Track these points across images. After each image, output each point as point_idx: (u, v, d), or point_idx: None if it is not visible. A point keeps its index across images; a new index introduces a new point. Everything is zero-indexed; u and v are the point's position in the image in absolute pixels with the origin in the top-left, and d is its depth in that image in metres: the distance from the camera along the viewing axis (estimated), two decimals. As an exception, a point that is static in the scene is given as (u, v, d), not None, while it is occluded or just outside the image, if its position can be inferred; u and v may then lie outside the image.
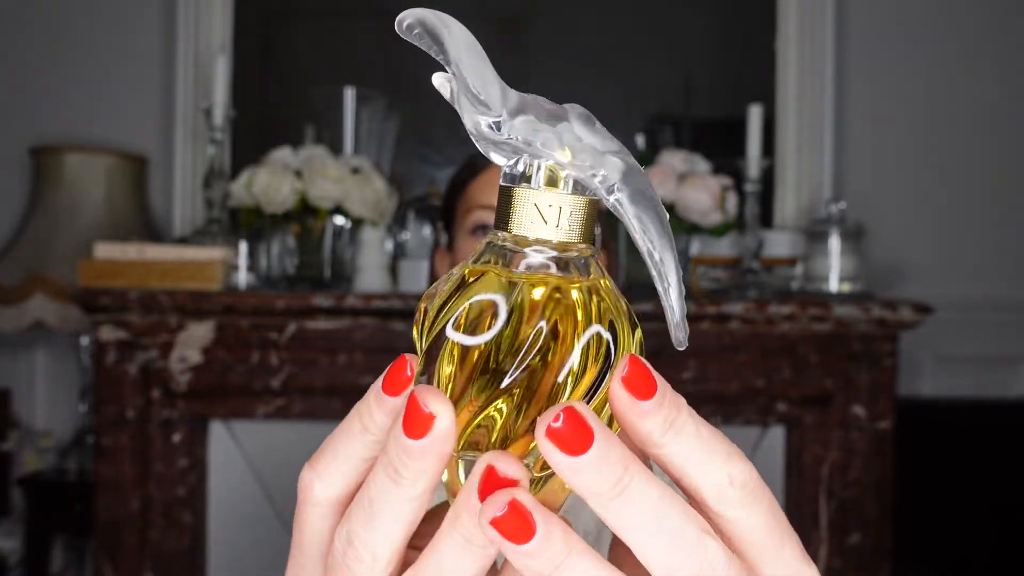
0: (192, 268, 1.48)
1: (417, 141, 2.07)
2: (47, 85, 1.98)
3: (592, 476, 0.23)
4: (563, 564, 0.23)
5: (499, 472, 0.24)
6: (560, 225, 0.25)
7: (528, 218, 0.25)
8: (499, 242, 0.26)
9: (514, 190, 0.26)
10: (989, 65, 2.07)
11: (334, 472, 0.27)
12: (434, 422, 0.24)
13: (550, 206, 0.25)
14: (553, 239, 0.25)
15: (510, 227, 0.26)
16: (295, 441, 1.55)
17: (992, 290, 2.05)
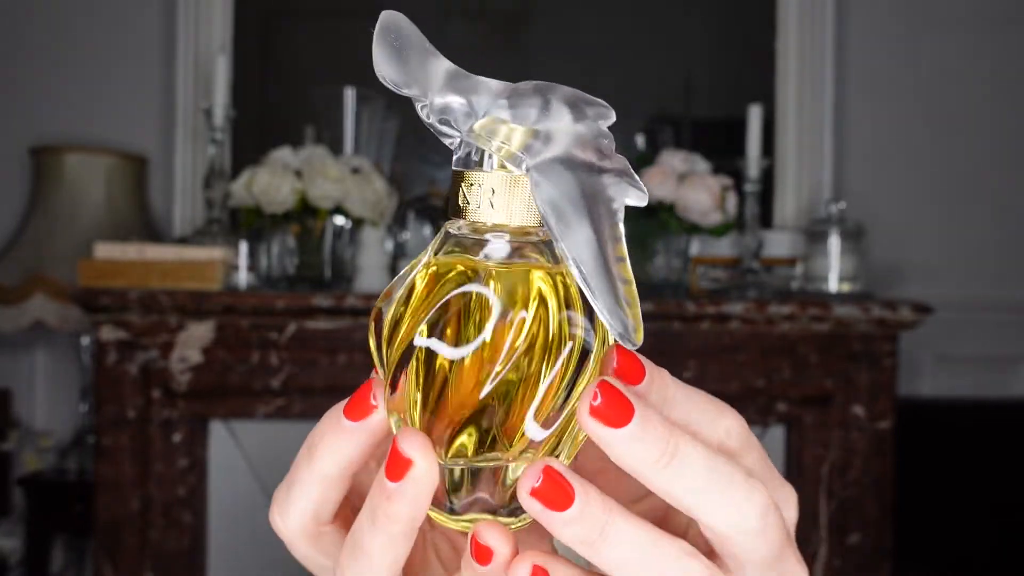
0: (192, 268, 1.48)
1: (417, 141, 2.07)
2: (47, 85, 1.98)
3: (640, 446, 0.23)
4: (606, 527, 0.23)
5: (481, 541, 0.24)
6: (515, 208, 0.24)
7: (481, 203, 0.24)
8: (456, 231, 0.25)
9: (465, 174, 0.25)
10: (989, 65, 2.07)
11: (291, 506, 0.28)
12: (411, 467, 0.24)
13: (503, 189, 0.24)
14: (510, 223, 0.24)
15: (466, 214, 0.24)
16: (295, 441, 1.54)
17: (992, 290, 2.05)
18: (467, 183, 0.24)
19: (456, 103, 0.25)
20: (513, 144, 0.24)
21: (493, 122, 0.24)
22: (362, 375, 1.25)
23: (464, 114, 0.24)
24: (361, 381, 1.08)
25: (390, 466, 0.25)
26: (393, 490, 0.25)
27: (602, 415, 0.23)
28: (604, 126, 0.24)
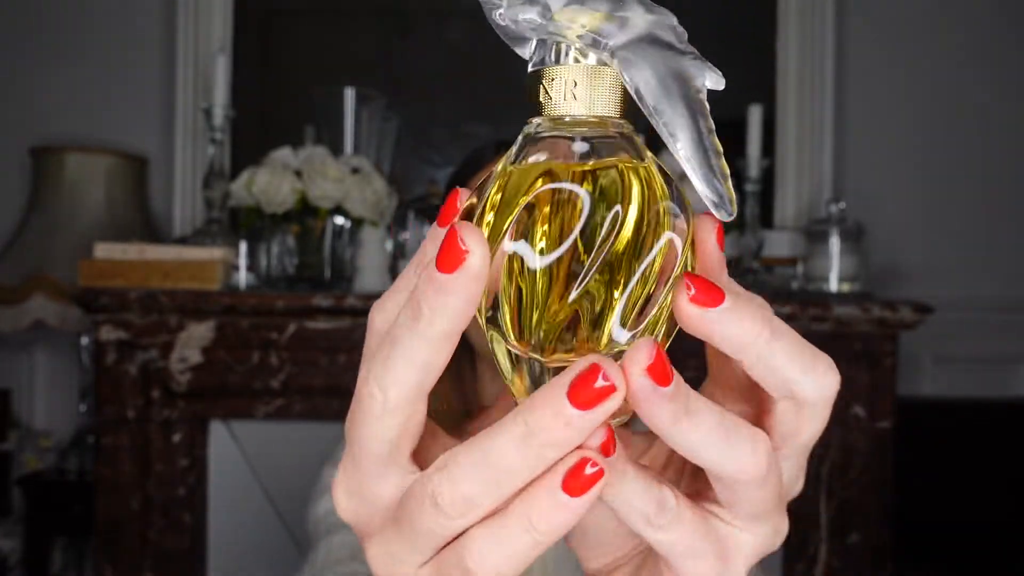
0: (192, 268, 1.48)
1: (417, 141, 2.07)
2: (47, 85, 1.98)
3: (742, 323, 0.25)
4: (689, 404, 0.24)
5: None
6: (596, 98, 0.24)
7: (561, 97, 0.24)
8: (535, 130, 0.25)
9: (545, 71, 0.24)
10: (989, 65, 2.07)
11: (392, 372, 0.25)
12: (466, 257, 0.23)
13: (584, 79, 0.24)
14: (592, 112, 0.24)
15: (546, 109, 0.24)
16: (295, 441, 1.55)
17: (992, 290, 2.05)
18: (548, 79, 0.24)
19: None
20: (595, 28, 0.24)
21: (573, 9, 0.24)
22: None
23: (543, 7, 0.24)
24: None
25: (443, 256, 0.23)
26: (444, 281, 0.23)
27: (699, 301, 0.24)
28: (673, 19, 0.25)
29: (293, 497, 1.44)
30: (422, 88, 2.11)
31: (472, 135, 2.07)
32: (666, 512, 0.26)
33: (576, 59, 0.24)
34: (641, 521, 0.26)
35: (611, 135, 0.25)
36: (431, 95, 2.11)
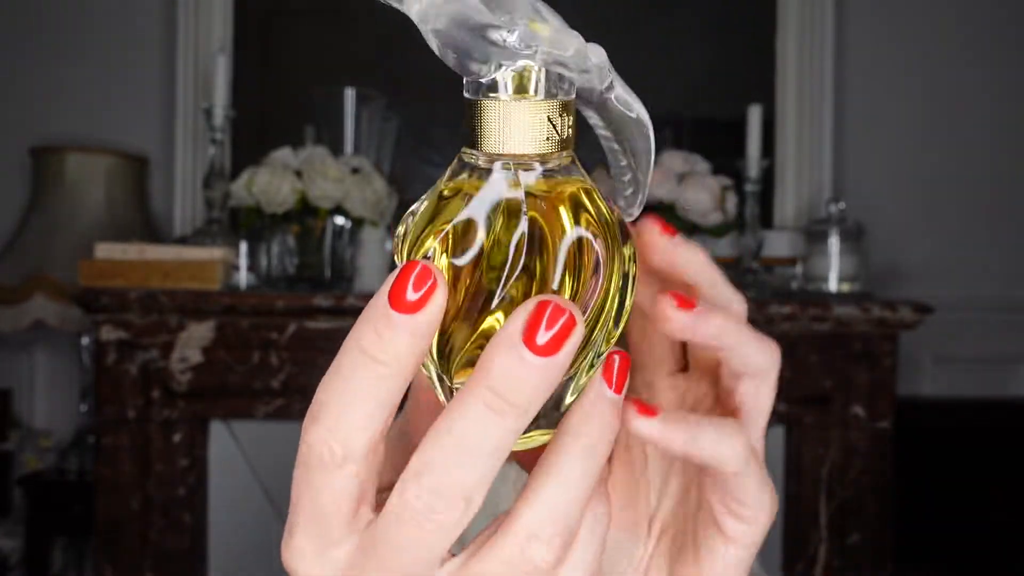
0: (192, 268, 1.48)
1: (417, 141, 2.07)
2: (47, 85, 1.98)
3: (716, 319, 0.28)
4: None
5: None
6: (534, 136, 0.24)
7: (499, 132, 0.24)
8: (471, 160, 0.24)
9: (480, 103, 0.24)
10: (989, 65, 2.07)
11: (349, 420, 0.23)
12: (434, 294, 0.22)
13: (521, 116, 0.23)
14: (530, 152, 0.24)
15: (481, 145, 0.24)
16: (295, 441, 1.54)
17: (992, 290, 2.05)
18: (484, 113, 0.24)
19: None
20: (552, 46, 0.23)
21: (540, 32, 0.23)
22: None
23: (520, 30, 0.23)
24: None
25: (398, 292, 0.22)
26: (399, 320, 0.22)
27: (682, 306, 0.28)
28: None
29: (293, 497, 1.44)
30: (422, 88, 2.11)
31: (472, 135, 2.07)
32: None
33: (518, 85, 0.23)
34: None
35: (548, 167, 0.24)
36: (431, 95, 2.11)
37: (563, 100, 0.24)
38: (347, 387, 0.23)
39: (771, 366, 0.30)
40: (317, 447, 0.23)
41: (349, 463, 0.23)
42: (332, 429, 0.23)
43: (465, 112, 0.24)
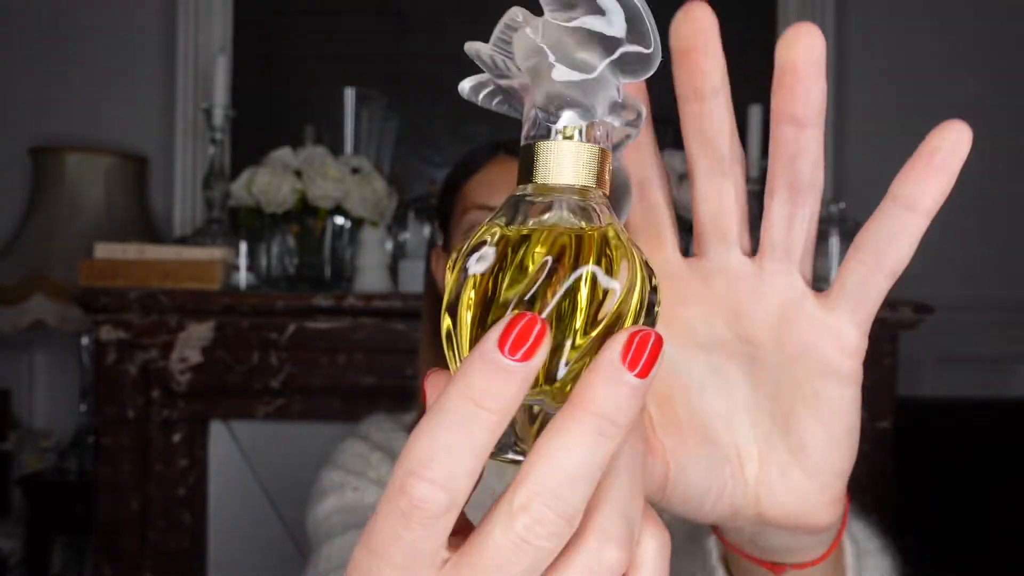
0: (192, 268, 1.48)
1: (417, 141, 2.07)
2: (47, 85, 1.98)
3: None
4: None
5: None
6: (577, 172, 0.27)
7: (549, 168, 0.27)
8: (519, 192, 0.28)
9: (535, 146, 0.27)
10: (989, 65, 2.07)
11: (456, 470, 0.23)
12: (539, 347, 0.23)
13: (568, 155, 0.27)
14: (574, 183, 0.27)
15: (534, 178, 0.27)
16: (295, 441, 1.55)
17: (992, 290, 2.05)
18: (536, 153, 0.27)
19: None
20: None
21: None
22: (362, 375, 1.25)
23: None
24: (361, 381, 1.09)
25: (513, 340, 0.23)
26: (512, 368, 0.23)
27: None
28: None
29: (293, 497, 1.44)
30: (422, 88, 2.11)
31: (472, 135, 2.07)
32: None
33: (565, 136, 0.27)
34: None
35: (585, 203, 0.27)
36: (431, 95, 2.11)
37: (602, 148, 0.28)
38: (456, 438, 0.23)
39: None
40: (423, 500, 0.23)
41: (453, 511, 0.23)
42: (440, 481, 0.23)
43: (521, 156, 0.28)
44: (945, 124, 0.30)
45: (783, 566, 0.39)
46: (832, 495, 0.34)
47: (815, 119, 0.30)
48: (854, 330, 0.32)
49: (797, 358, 0.32)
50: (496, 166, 0.88)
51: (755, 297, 0.33)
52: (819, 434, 0.32)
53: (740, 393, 0.34)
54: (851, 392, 0.32)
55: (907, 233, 0.30)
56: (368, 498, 0.88)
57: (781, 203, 0.32)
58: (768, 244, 0.33)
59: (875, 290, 0.31)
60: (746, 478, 0.34)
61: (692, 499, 0.33)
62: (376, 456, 0.92)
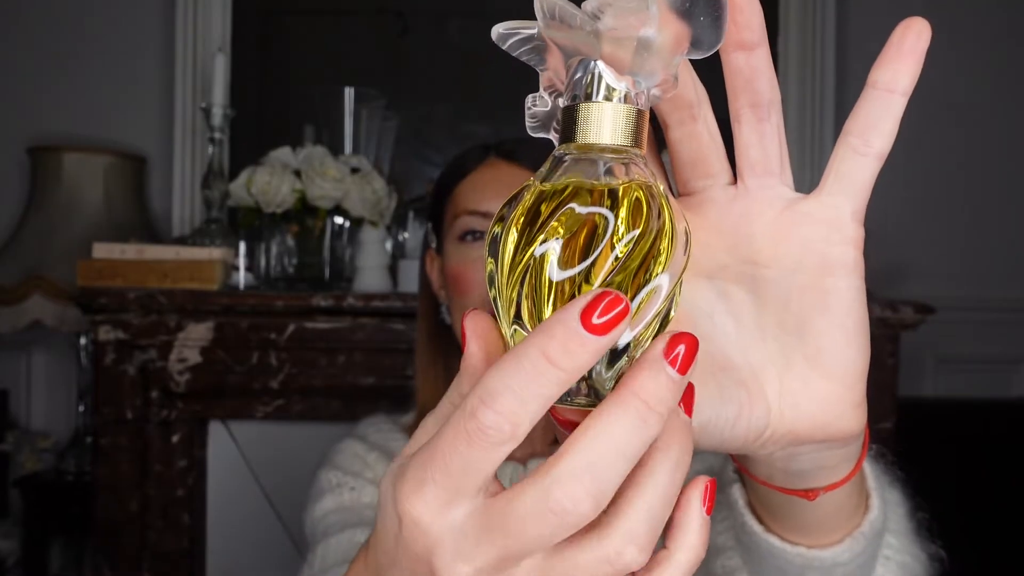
0: (191, 268, 1.47)
1: (417, 141, 2.07)
2: (46, 85, 1.98)
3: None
4: None
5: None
6: (617, 132, 0.28)
7: (589, 129, 0.28)
8: (564, 153, 0.29)
9: (577, 107, 0.28)
10: (989, 65, 2.06)
11: (523, 413, 0.26)
12: (623, 318, 0.25)
13: (607, 116, 0.28)
14: (613, 143, 0.28)
15: (575, 138, 0.28)
16: (294, 441, 1.54)
17: (994, 290, 2.05)
18: (578, 114, 0.28)
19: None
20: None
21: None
22: (362, 375, 1.24)
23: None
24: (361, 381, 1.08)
25: (592, 314, 0.25)
26: (589, 340, 0.25)
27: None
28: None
29: (292, 497, 1.44)
30: (422, 88, 2.10)
31: (472, 135, 2.06)
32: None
33: (606, 97, 0.28)
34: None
35: (630, 159, 0.29)
36: (431, 95, 2.11)
37: (639, 108, 0.29)
38: (527, 383, 0.25)
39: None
40: (489, 426, 0.26)
41: (511, 443, 0.26)
42: (507, 413, 0.25)
43: (562, 118, 0.29)
44: (906, 19, 0.32)
45: (815, 491, 0.40)
46: (856, 396, 0.34)
47: (760, 39, 0.32)
48: (851, 219, 0.33)
49: (800, 262, 0.33)
50: (488, 169, 0.88)
51: (748, 217, 0.34)
52: (834, 332, 0.33)
53: (748, 313, 0.35)
54: (857, 282, 0.33)
55: (890, 114, 0.33)
56: (365, 498, 0.88)
57: (748, 123, 0.34)
58: (747, 165, 0.34)
59: (866, 174, 0.33)
60: (768, 399, 0.34)
61: (709, 427, 0.34)
62: (373, 456, 0.92)
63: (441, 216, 0.92)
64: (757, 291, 0.35)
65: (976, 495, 1.84)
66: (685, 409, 0.28)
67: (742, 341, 0.35)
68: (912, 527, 0.56)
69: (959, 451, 1.86)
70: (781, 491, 0.41)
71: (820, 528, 0.44)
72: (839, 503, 0.42)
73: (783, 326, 0.34)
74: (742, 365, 0.35)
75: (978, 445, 1.87)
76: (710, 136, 0.35)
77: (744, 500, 0.47)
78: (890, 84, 0.33)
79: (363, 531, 0.83)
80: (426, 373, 0.94)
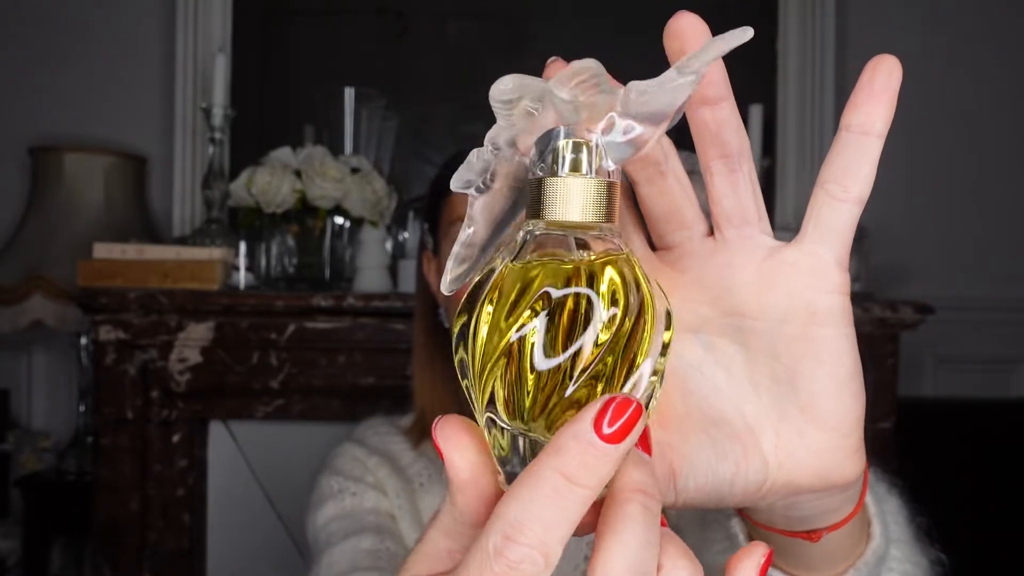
0: (191, 268, 1.47)
1: (417, 141, 2.07)
2: (46, 85, 1.98)
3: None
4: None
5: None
6: (587, 208, 0.27)
7: (556, 204, 0.27)
8: (534, 230, 0.28)
9: (542, 181, 0.27)
10: (990, 65, 2.06)
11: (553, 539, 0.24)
12: (632, 430, 0.24)
13: (577, 191, 0.27)
14: (585, 220, 0.27)
15: (543, 215, 0.27)
16: (295, 441, 1.54)
17: (993, 290, 2.05)
18: (545, 189, 0.27)
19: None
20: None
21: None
22: (362, 375, 1.24)
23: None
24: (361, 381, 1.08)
25: (604, 424, 0.24)
26: (609, 451, 0.24)
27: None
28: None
29: (293, 497, 1.44)
30: (422, 88, 2.11)
31: (472, 135, 2.06)
32: None
33: (573, 166, 0.27)
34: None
35: (603, 235, 0.28)
36: (431, 95, 2.11)
37: (610, 181, 0.28)
38: (550, 507, 0.24)
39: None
40: (519, 559, 0.24)
41: (546, 572, 0.24)
42: (537, 544, 0.24)
43: (530, 191, 0.28)
44: (875, 58, 0.32)
45: (819, 532, 0.39)
46: (853, 443, 0.33)
47: (725, 92, 0.32)
48: (835, 266, 0.33)
49: (787, 312, 0.33)
50: None
51: (729, 269, 0.34)
52: (826, 382, 0.33)
53: (737, 364, 0.34)
54: (846, 330, 0.33)
55: (867, 157, 0.32)
56: (366, 503, 0.88)
57: (720, 174, 0.33)
58: (723, 216, 0.34)
59: (847, 220, 0.32)
60: (764, 452, 0.33)
61: (708, 487, 0.33)
62: (373, 460, 0.93)
63: (437, 219, 0.93)
64: (745, 343, 0.34)
65: (976, 495, 1.84)
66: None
67: (734, 394, 0.34)
68: (912, 533, 0.55)
69: (959, 451, 1.86)
70: (784, 534, 0.40)
71: (824, 563, 0.43)
72: (841, 540, 0.42)
73: (774, 377, 0.33)
74: (735, 419, 0.34)
75: (978, 445, 1.87)
76: (681, 188, 0.34)
77: (744, 534, 0.47)
78: (864, 126, 0.32)
79: (366, 537, 0.83)
80: (424, 374, 0.94)
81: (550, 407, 0.26)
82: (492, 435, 0.27)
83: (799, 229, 0.35)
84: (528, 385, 0.26)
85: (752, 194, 0.34)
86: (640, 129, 0.27)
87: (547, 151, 0.27)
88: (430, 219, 0.95)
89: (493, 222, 0.30)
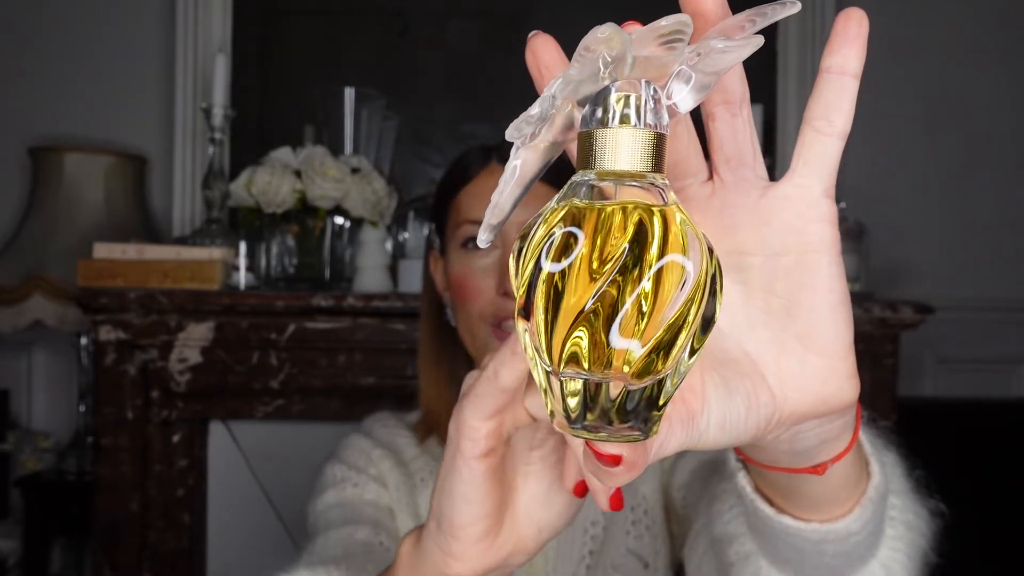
0: (191, 268, 1.47)
1: (417, 141, 2.07)
2: (46, 85, 1.98)
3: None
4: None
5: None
6: (635, 158, 0.28)
7: (606, 154, 0.29)
8: (581, 179, 0.29)
9: (593, 132, 0.29)
10: (990, 64, 2.07)
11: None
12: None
13: (626, 141, 0.28)
14: (631, 169, 0.28)
15: (593, 164, 0.29)
16: (295, 441, 1.54)
17: (993, 290, 2.05)
18: (595, 140, 0.29)
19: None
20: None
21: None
22: (362, 375, 1.24)
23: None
24: (361, 381, 1.10)
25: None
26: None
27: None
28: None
29: (293, 497, 1.44)
30: (422, 88, 2.11)
31: (472, 135, 2.07)
32: None
33: (621, 122, 0.28)
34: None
35: (647, 184, 0.29)
36: (431, 95, 2.11)
37: (658, 132, 0.29)
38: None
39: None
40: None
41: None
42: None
43: (579, 143, 0.29)
44: (846, 10, 0.34)
45: (823, 464, 0.41)
46: (848, 367, 0.35)
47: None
48: (823, 196, 0.34)
49: (783, 243, 0.35)
50: (489, 176, 0.89)
51: (729, 209, 0.36)
52: (822, 310, 0.34)
53: (737, 305, 0.36)
54: (835, 258, 0.34)
55: (846, 94, 0.35)
56: (367, 495, 0.90)
57: (722, 119, 0.35)
58: (722, 160, 0.36)
59: (832, 153, 0.35)
60: (769, 385, 0.35)
61: (726, 425, 0.34)
62: (377, 453, 0.93)
63: (444, 220, 0.93)
64: (744, 281, 0.36)
65: (976, 495, 1.84)
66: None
67: (735, 333, 0.36)
68: (911, 486, 0.58)
69: (959, 451, 1.86)
70: (790, 472, 0.42)
71: (830, 502, 0.45)
72: (845, 473, 0.44)
73: (770, 311, 0.35)
74: (740, 357, 0.35)
75: (978, 445, 1.87)
76: (689, 137, 0.36)
77: (751, 486, 0.48)
78: (843, 67, 0.34)
79: (362, 528, 0.83)
80: (428, 373, 0.94)
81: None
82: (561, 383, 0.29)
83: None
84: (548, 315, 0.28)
85: (750, 137, 0.36)
86: (706, 80, 0.28)
87: (598, 105, 0.29)
88: (437, 220, 0.96)
89: (526, 178, 0.31)
